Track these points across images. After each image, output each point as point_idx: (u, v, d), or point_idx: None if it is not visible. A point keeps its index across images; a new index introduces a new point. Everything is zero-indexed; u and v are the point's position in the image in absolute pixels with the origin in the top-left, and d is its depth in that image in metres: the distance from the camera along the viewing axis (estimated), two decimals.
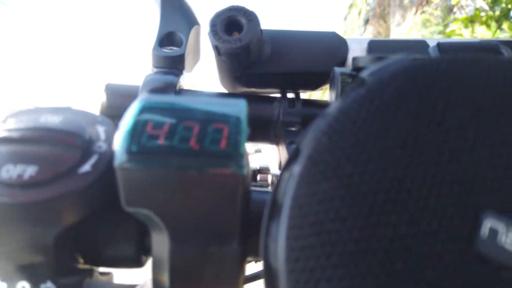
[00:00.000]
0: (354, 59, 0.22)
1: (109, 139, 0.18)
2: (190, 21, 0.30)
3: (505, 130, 0.12)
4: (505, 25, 4.13)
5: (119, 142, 0.15)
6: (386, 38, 0.26)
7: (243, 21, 0.24)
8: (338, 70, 0.23)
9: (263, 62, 0.26)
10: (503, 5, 4.07)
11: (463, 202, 0.11)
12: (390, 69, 0.13)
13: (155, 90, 0.25)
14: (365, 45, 0.27)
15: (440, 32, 6.66)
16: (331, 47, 0.27)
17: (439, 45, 0.23)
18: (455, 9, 5.83)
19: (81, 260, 0.18)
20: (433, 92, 0.12)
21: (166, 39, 0.28)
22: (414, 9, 9.64)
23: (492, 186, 0.11)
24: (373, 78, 0.13)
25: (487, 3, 4.40)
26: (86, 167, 0.16)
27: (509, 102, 0.12)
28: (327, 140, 0.12)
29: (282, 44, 0.26)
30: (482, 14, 4.39)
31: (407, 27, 9.31)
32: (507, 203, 0.11)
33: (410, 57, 0.14)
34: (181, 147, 0.15)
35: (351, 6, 13.29)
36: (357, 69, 0.22)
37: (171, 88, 0.25)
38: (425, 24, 7.43)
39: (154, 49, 0.28)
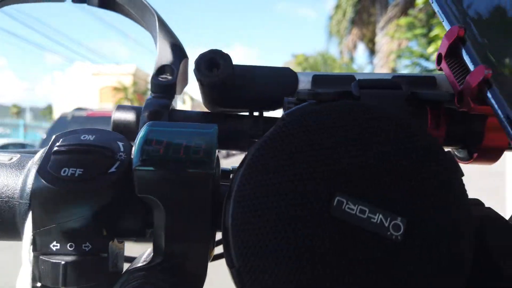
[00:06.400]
0: (297, 92, 0.31)
1: (126, 150, 0.27)
2: (180, 55, 0.38)
3: (357, 151, 0.21)
4: None
5: (135, 152, 0.24)
6: (326, 73, 0.33)
7: (220, 61, 0.33)
8: (286, 99, 0.32)
9: (235, 90, 0.34)
10: None
11: (327, 187, 0.20)
12: (299, 111, 0.22)
13: (153, 111, 0.34)
14: (310, 78, 0.35)
15: (423, 35, 6.83)
16: (285, 80, 0.35)
17: (360, 81, 0.31)
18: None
19: (105, 231, 0.27)
20: (320, 129, 0.22)
21: (162, 69, 0.37)
22: (398, 12, 9.84)
23: (346, 179, 0.21)
24: (288, 117, 0.22)
25: None
26: (112, 169, 0.25)
27: (359, 134, 0.21)
28: (258, 154, 0.21)
29: (249, 76, 0.35)
30: None
31: (392, 29, 9.52)
32: (353, 188, 0.20)
33: (313, 104, 0.23)
34: (174, 156, 0.24)
35: (337, 7, 13.45)
36: (298, 99, 0.31)
37: (166, 109, 0.34)
38: (409, 27, 7.61)
39: (152, 78, 0.36)
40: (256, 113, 0.37)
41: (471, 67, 0.25)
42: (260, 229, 0.20)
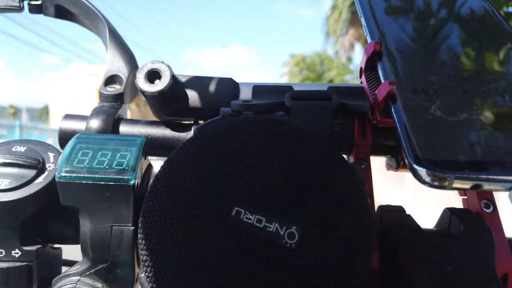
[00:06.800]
0: (231, 103, 0.33)
1: (56, 161, 0.28)
2: (131, 65, 0.40)
3: (256, 163, 0.22)
4: None
5: (59, 163, 0.26)
6: (266, 83, 0.34)
7: (161, 72, 0.34)
8: (221, 110, 0.33)
9: (177, 100, 0.35)
10: None
11: (226, 198, 0.21)
12: (207, 127, 0.24)
13: (99, 120, 0.35)
14: (251, 88, 0.36)
15: None
16: (227, 89, 0.36)
17: (293, 93, 0.32)
18: None
19: (38, 238, 0.28)
20: (222, 143, 0.23)
21: (111, 79, 0.38)
22: None
23: (245, 189, 0.22)
24: (198, 132, 0.24)
25: None
26: (40, 180, 0.27)
27: (257, 147, 0.23)
28: (165, 167, 0.23)
29: (191, 86, 0.36)
30: None
31: None
32: (251, 198, 0.22)
33: (219, 120, 0.24)
34: (97, 167, 0.26)
35: (333, 7, 13.47)
36: (233, 110, 0.32)
37: (111, 117, 0.35)
38: None
39: (100, 88, 0.38)
40: (201, 122, 0.38)
41: (382, 81, 0.26)
42: (162, 238, 0.21)
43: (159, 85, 0.33)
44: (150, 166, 0.30)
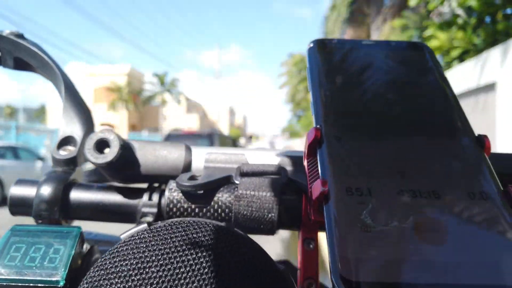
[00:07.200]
0: (178, 182, 0.32)
1: None
2: (86, 125, 0.38)
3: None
4: (480, 31, 4.31)
5: None
6: (219, 151, 0.32)
7: (110, 141, 0.32)
8: (169, 184, 0.33)
9: (130, 166, 0.34)
10: (478, 9, 4.22)
11: None
12: (129, 241, 0.23)
13: (49, 187, 0.33)
14: (204, 155, 0.36)
15: (417, 36, 6.86)
16: (179, 156, 0.35)
17: (241, 168, 0.32)
18: (432, 15, 6.01)
19: None
20: (138, 255, 0.22)
21: (64, 141, 0.37)
22: (392, 14, 9.86)
23: None
24: (121, 243, 0.23)
25: (463, 10, 4.57)
26: None
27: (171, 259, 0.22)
28: (92, 271, 0.21)
29: (144, 153, 0.35)
30: (459, 20, 4.57)
31: (386, 31, 9.54)
32: None
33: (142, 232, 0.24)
34: (28, 266, 0.23)
35: (332, 8, 13.49)
36: (179, 186, 0.31)
37: (61, 184, 0.33)
38: (403, 28, 7.64)
39: (52, 152, 0.36)
40: (156, 184, 0.36)
41: (320, 174, 0.23)
42: None
43: (107, 156, 0.32)
44: (91, 251, 0.28)
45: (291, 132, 42.33)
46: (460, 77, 4.10)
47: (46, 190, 0.32)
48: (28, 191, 0.34)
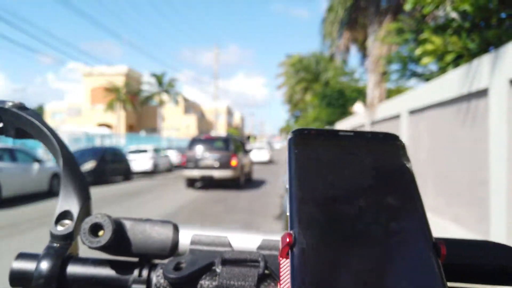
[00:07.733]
0: (164, 273, 0.35)
1: None
2: (82, 198, 0.40)
3: None
4: (474, 36, 4.32)
5: None
6: (204, 234, 0.35)
7: (103, 225, 0.35)
8: (158, 268, 0.36)
9: (122, 246, 0.37)
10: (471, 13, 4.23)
11: None
12: None
13: (47, 263, 0.36)
14: (190, 235, 0.39)
15: (412, 40, 6.86)
16: (167, 236, 0.38)
17: (223, 256, 0.35)
18: (428, 19, 6.00)
19: None
20: None
21: (62, 215, 0.39)
22: (389, 17, 9.85)
23: None
24: None
25: (458, 14, 4.57)
26: None
27: None
28: None
29: (135, 231, 0.38)
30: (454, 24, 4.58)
31: (382, 34, 9.52)
32: None
33: None
34: None
35: (329, 9, 13.43)
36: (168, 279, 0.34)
37: (59, 260, 0.36)
38: (398, 32, 7.63)
39: (51, 227, 0.38)
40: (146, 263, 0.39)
41: (290, 278, 0.25)
42: None
43: (101, 241, 0.35)
44: None
45: (289, 132, 41.99)
46: (452, 83, 4.12)
47: (45, 266, 0.35)
48: (28, 266, 0.36)
